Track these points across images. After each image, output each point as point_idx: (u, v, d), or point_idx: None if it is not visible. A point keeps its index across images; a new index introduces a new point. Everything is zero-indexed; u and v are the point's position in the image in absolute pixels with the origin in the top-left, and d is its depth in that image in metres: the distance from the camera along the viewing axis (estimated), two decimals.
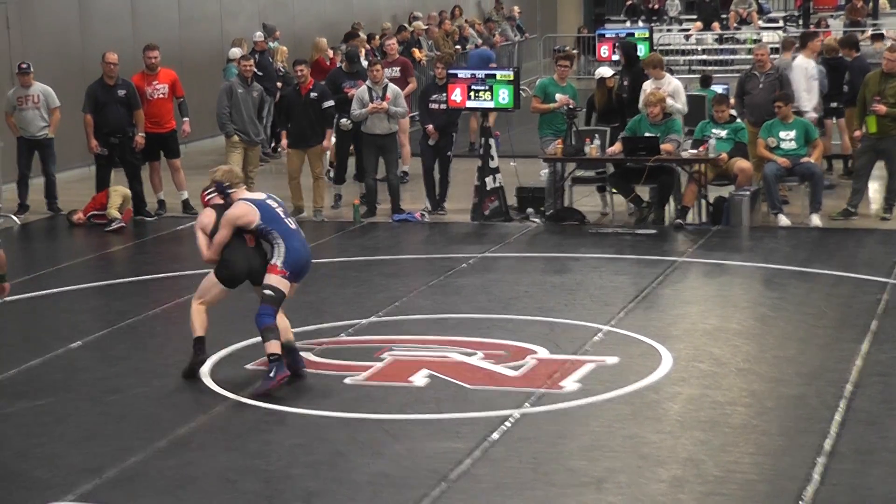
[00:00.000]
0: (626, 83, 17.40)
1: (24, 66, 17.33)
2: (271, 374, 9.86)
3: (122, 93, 16.93)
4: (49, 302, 13.05)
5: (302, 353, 10.57)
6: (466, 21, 30.76)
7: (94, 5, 21.03)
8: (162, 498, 7.86)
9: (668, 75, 17.15)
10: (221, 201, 10.27)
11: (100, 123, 16.90)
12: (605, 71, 17.56)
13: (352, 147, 17.75)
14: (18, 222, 16.96)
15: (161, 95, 17.32)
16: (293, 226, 10.21)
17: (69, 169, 19.28)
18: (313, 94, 16.64)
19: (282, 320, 10.16)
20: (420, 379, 10.12)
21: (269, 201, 10.23)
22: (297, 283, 10.30)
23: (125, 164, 17.09)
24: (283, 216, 10.17)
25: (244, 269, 10.16)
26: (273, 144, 21.40)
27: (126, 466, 8.37)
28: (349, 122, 17.07)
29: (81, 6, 20.77)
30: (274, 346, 9.92)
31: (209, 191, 10.39)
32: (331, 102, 16.76)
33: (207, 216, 10.29)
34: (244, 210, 10.07)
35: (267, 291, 9.99)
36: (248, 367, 10.52)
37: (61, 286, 13.53)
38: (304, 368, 10.27)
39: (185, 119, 17.61)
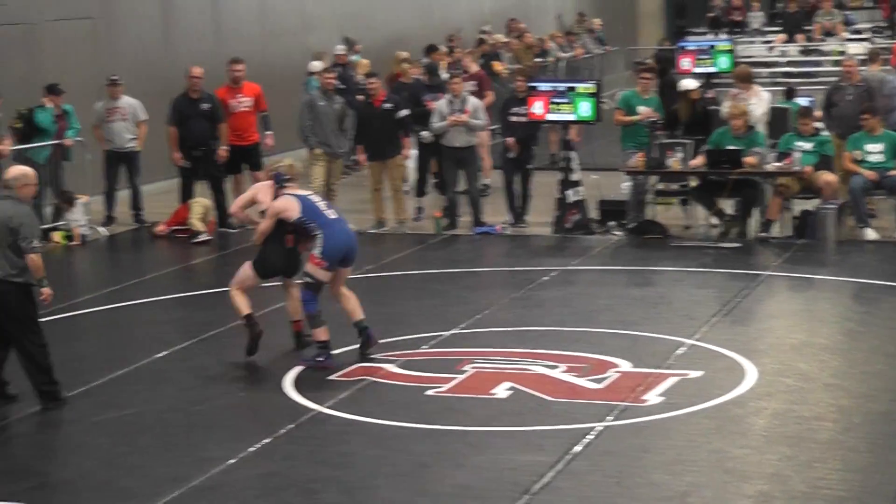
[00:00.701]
0: (709, 95, 17.31)
1: (114, 77, 17.57)
2: (319, 359, 10.74)
3: (205, 106, 17.10)
4: (134, 313, 13.18)
5: (384, 365, 10.62)
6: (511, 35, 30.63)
7: (178, 21, 21.26)
8: None
9: (757, 87, 17.04)
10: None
11: (184, 136, 17.08)
12: (689, 83, 17.46)
13: (433, 160, 17.77)
14: (105, 233, 17.16)
15: (245, 108, 17.47)
16: (334, 216, 11.09)
17: (154, 181, 19.48)
18: (387, 106, 16.70)
19: (352, 300, 11.16)
20: (502, 391, 10.09)
21: (311, 196, 11.26)
22: (347, 267, 11.26)
23: (208, 176, 17.26)
24: (323, 209, 11.08)
25: (280, 267, 11.33)
26: (354, 158, 21.48)
27: (210, 476, 8.42)
28: (430, 134, 17.09)
29: (166, 21, 21.01)
30: (322, 334, 10.88)
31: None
32: (405, 112, 16.80)
33: (264, 193, 11.39)
34: (287, 204, 11.03)
35: (305, 278, 11.00)
36: (331, 378, 10.55)
37: (146, 297, 13.67)
38: (376, 341, 11.10)
39: (269, 133, 17.73)
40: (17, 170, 10.22)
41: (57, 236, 16.61)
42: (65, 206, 16.68)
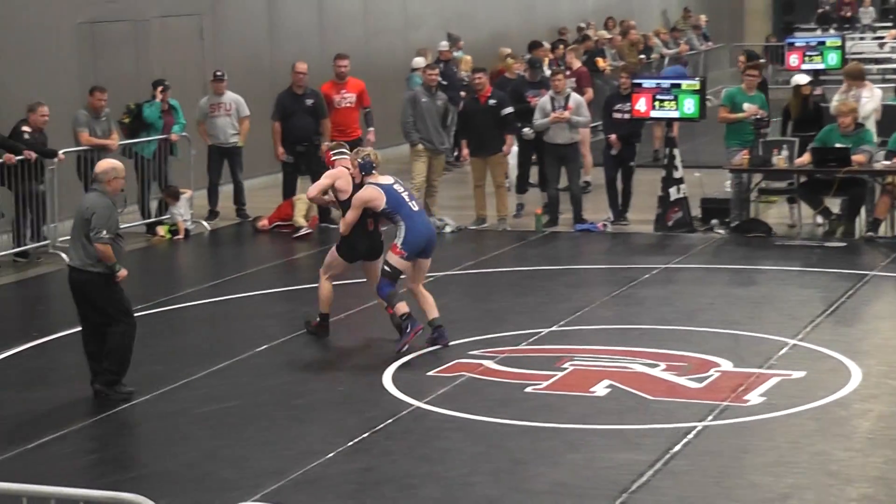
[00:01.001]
0: (817, 92, 17.08)
1: (218, 73, 17.76)
2: (407, 330, 11.01)
3: (309, 102, 17.23)
4: (236, 306, 13.32)
5: (483, 362, 10.63)
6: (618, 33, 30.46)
7: (283, 18, 21.45)
8: (343, 501, 7.94)
9: (870, 84, 16.79)
10: (349, 166, 11.63)
11: (287, 131, 17.22)
12: (801, 78, 17.26)
13: (534, 156, 17.74)
14: (209, 228, 17.36)
15: (348, 104, 17.57)
16: (416, 208, 11.35)
17: (256, 176, 19.68)
18: (492, 102, 16.69)
19: (429, 300, 11.42)
20: (601, 389, 10.04)
21: (395, 186, 11.40)
22: (427, 258, 11.47)
23: (311, 172, 17.37)
24: (407, 200, 11.31)
25: (364, 249, 11.58)
26: (456, 153, 21.51)
27: (309, 469, 8.48)
28: (531, 131, 17.06)
29: (271, 19, 21.20)
30: (402, 307, 11.19)
31: (339, 153, 11.90)
32: (510, 109, 16.78)
33: (344, 181, 11.64)
34: (374, 194, 11.26)
35: (385, 267, 11.27)
36: (430, 373, 10.58)
37: (248, 291, 13.80)
38: (447, 342, 11.26)
39: (371, 129, 17.82)
40: (107, 163, 10.32)
41: (162, 230, 16.84)
42: (170, 201, 16.90)
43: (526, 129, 17.31)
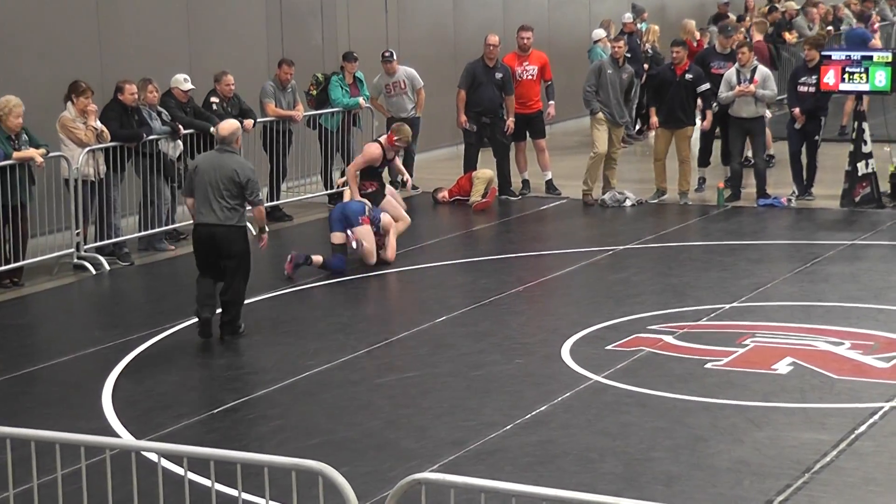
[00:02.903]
0: None
1: (387, 54, 17.81)
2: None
3: (499, 75, 17.23)
4: (418, 277, 13.45)
5: (663, 337, 10.56)
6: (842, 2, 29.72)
7: None
8: (522, 473, 7.97)
9: None
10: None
11: (473, 102, 17.27)
12: None
13: (718, 130, 17.47)
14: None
15: (530, 77, 17.54)
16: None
17: (436, 148, 19.79)
18: (688, 76, 16.48)
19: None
20: (784, 367, 9.89)
21: None
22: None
23: (494, 143, 17.42)
24: None
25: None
26: (638, 127, 21.32)
27: (488, 441, 8.53)
28: (716, 105, 16.81)
29: None
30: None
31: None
32: (707, 85, 16.54)
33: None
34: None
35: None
36: (608, 348, 10.54)
37: (429, 262, 13.92)
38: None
39: (551, 102, 17.77)
40: (232, 125, 11.18)
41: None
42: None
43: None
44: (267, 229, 11.28)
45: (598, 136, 16.75)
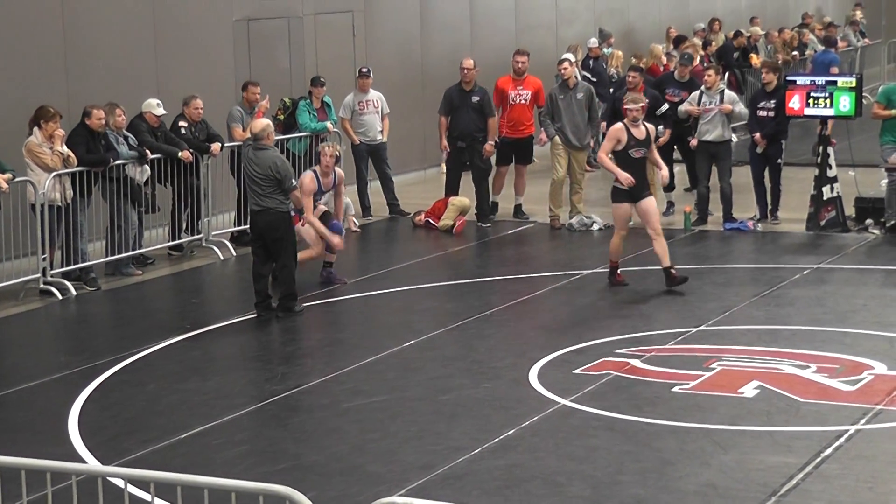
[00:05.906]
0: None
1: (364, 70, 17.88)
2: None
3: (475, 99, 17.25)
4: (385, 301, 13.44)
5: (630, 360, 10.58)
6: (807, 27, 29.97)
7: (434, 14, 21.55)
8: (490, 498, 7.98)
9: None
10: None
11: (451, 126, 17.29)
12: None
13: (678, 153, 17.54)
14: (355, 227, 17.47)
15: (523, 101, 17.55)
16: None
17: (405, 172, 19.81)
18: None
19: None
20: (750, 390, 9.93)
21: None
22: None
23: (473, 167, 17.41)
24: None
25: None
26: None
27: (456, 465, 8.53)
28: (666, 108, 16.80)
29: (423, 15, 21.32)
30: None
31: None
32: (665, 106, 16.65)
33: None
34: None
35: None
36: (576, 371, 10.56)
37: (397, 286, 13.91)
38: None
39: (543, 129, 17.74)
40: (263, 122, 12.65)
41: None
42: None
43: (660, 128, 16.93)
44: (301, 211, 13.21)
45: (556, 162, 16.81)
